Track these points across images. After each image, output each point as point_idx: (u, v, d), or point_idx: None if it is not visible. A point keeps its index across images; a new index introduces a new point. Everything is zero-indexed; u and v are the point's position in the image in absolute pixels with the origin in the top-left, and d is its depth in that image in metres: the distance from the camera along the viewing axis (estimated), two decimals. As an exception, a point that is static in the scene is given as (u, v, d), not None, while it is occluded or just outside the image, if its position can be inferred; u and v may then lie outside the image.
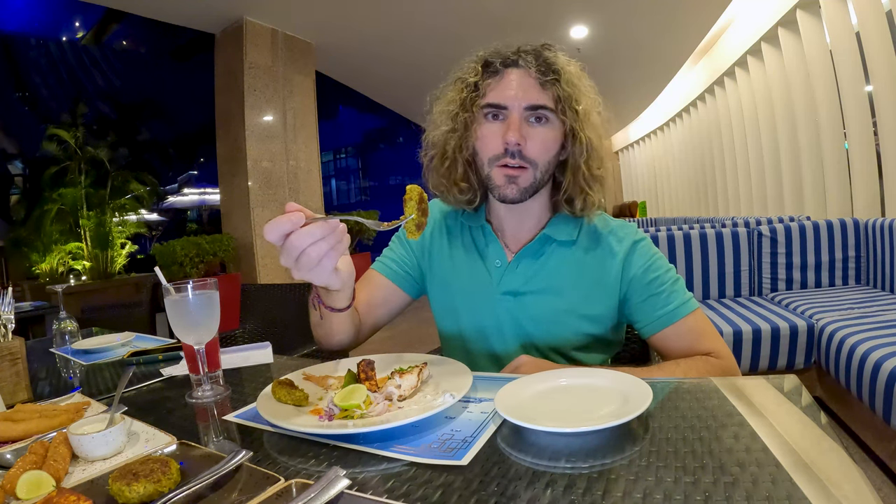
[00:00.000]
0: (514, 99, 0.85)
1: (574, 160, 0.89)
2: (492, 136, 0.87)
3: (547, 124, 0.87)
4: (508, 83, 0.87)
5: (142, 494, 0.48)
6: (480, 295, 0.95)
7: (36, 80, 13.39)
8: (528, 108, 0.85)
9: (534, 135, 0.86)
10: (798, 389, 0.63)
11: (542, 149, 0.87)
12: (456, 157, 0.93)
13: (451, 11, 4.78)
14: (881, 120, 3.49)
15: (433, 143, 0.95)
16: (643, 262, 0.91)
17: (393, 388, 0.67)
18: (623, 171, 14.08)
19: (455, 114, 0.91)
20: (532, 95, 0.85)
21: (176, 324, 0.80)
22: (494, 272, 0.94)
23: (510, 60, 0.88)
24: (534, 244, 0.94)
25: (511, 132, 0.84)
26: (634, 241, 0.92)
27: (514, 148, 0.85)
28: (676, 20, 5.32)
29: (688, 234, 3.01)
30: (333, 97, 6.02)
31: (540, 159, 0.87)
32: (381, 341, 4.24)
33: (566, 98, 0.86)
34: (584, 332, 0.92)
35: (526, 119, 0.86)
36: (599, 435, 0.55)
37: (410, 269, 1.04)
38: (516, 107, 0.85)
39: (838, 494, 0.41)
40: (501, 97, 0.86)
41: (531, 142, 0.85)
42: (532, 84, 0.86)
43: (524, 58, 0.87)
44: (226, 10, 4.51)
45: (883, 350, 1.77)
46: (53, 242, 5.82)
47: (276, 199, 4.91)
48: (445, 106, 0.93)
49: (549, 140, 0.87)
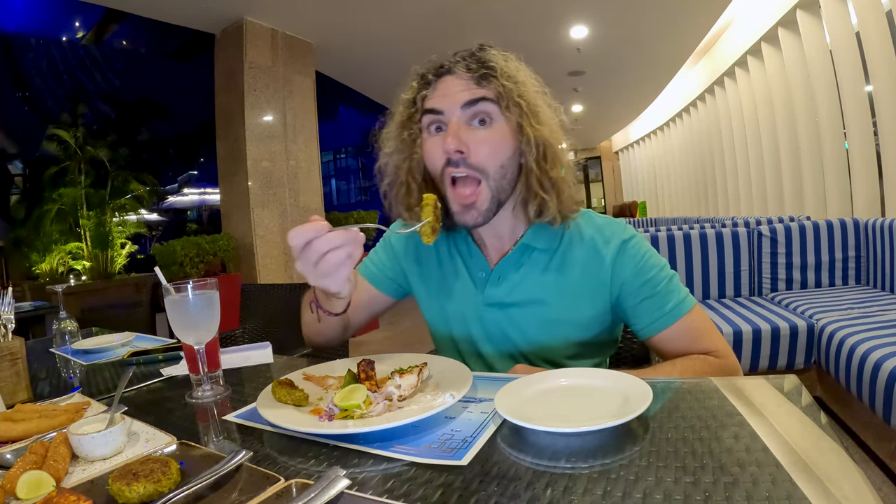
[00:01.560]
0: (448, 100, 0.81)
1: (525, 161, 0.82)
2: (434, 148, 0.82)
3: (491, 125, 0.81)
4: (443, 88, 0.82)
5: (142, 494, 0.48)
6: (468, 305, 0.93)
7: (36, 80, 13.39)
8: (465, 106, 0.80)
9: (477, 139, 0.80)
10: (798, 389, 0.63)
11: (489, 153, 0.80)
12: (408, 181, 0.88)
13: (452, 11, 4.78)
14: (881, 120, 3.49)
15: (383, 170, 0.91)
16: (634, 265, 0.86)
17: (393, 388, 0.67)
18: (623, 171, 14.08)
19: (399, 133, 0.88)
20: (467, 93, 0.80)
21: (176, 324, 0.80)
22: (479, 283, 0.92)
23: (443, 69, 0.84)
24: (512, 255, 0.89)
25: (449, 138, 0.78)
26: (623, 242, 0.87)
27: (455, 156, 0.79)
28: (676, 20, 5.32)
29: (688, 234, 3.01)
30: (333, 97, 6.02)
31: (489, 166, 0.80)
32: (381, 341, 4.24)
33: (507, 92, 0.80)
34: (576, 339, 0.89)
35: (467, 122, 0.81)
36: (599, 435, 0.55)
37: (392, 272, 1.04)
38: (453, 109, 0.80)
39: (838, 494, 0.41)
40: (436, 102, 0.82)
41: (475, 147, 0.79)
42: (466, 84, 0.81)
43: (456, 62, 0.83)
44: (226, 10, 4.50)
45: (883, 350, 1.77)
46: (53, 242, 5.82)
47: (276, 199, 4.91)
48: (389, 130, 0.90)
49: (495, 142, 0.80)
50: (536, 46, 5.73)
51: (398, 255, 1.03)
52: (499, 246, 0.92)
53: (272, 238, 4.87)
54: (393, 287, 1.05)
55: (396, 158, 0.89)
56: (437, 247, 0.98)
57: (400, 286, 1.05)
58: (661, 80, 7.86)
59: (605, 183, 14.89)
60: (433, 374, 0.74)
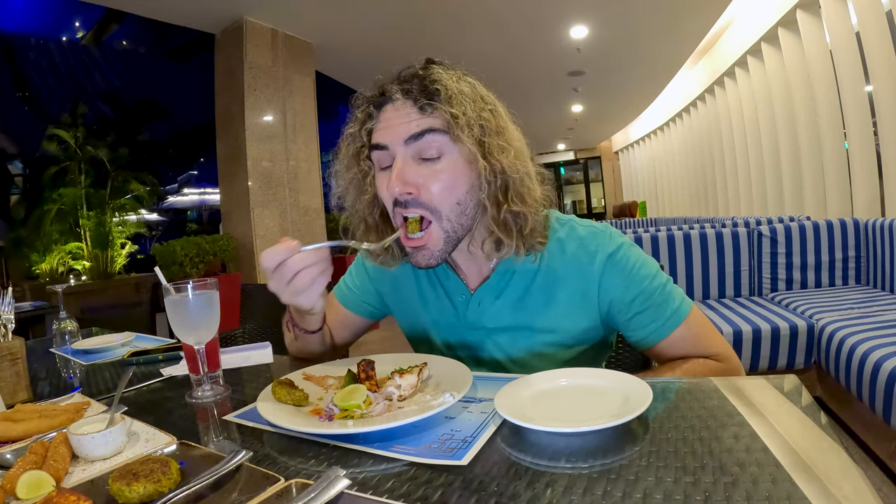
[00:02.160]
0: (390, 134, 0.73)
1: (483, 196, 0.74)
2: (382, 186, 0.76)
3: (442, 159, 0.73)
4: (385, 120, 0.75)
5: (142, 494, 0.48)
6: (449, 328, 0.90)
7: (36, 80, 13.40)
8: (409, 141, 0.72)
9: (427, 175, 0.72)
10: (798, 389, 0.63)
11: (441, 191, 0.72)
12: (366, 219, 0.83)
13: (452, 11, 4.78)
14: (881, 120, 3.49)
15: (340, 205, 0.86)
16: (623, 279, 0.80)
17: (393, 388, 0.67)
18: (623, 171, 14.08)
19: (347, 170, 0.82)
20: (411, 126, 0.72)
21: (176, 324, 0.80)
22: (459, 306, 0.87)
23: (383, 97, 0.76)
24: (492, 280, 0.84)
25: (393, 180, 0.71)
26: (609, 256, 0.80)
27: (404, 197, 0.72)
28: (676, 20, 5.32)
29: (688, 234, 3.01)
30: (333, 97, 6.01)
31: (442, 204, 0.73)
32: (381, 341, 4.23)
33: (456, 119, 0.71)
34: (565, 356, 0.85)
35: (415, 158, 0.73)
36: (599, 435, 0.55)
37: (366, 295, 1.01)
38: (395, 144, 0.73)
39: (838, 494, 0.41)
40: (379, 136, 0.75)
41: (426, 184, 0.72)
42: (408, 114, 0.73)
43: (397, 88, 0.75)
44: (226, 10, 4.51)
45: (883, 350, 1.77)
46: (53, 242, 5.82)
47: (276, 199, 4.91)
48: (339, 165, 0.84)
49: (447, 178, 0.72)
50: (536, 46, 5.73)
51: (372, 279, 0.99)
52: (476, 269, 0.87)
53: (272, 238, 4.86)
54: (368, 310, 1.02)
55: (351, 195, 0.83)
56: (416, 270, 0.91)
57: (376, 308, 1.02)
58: (660, 80, 7.86)
59: (605, 183, 14.89)
60: (433, 374, 0.74)
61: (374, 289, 1.00)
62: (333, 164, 0.85)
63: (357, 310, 1.02)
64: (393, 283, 0.96)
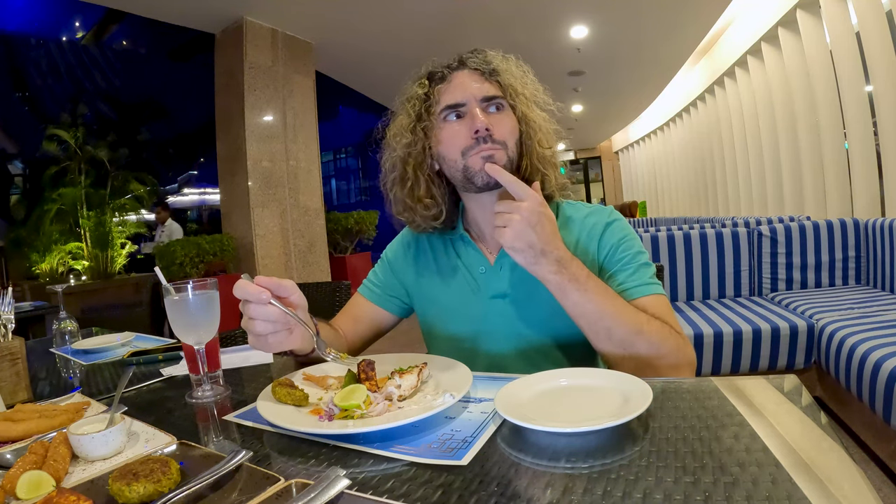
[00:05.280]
0: (469, 94, 0.91)
1: (528, 142, 0.94)
2: (456, 133, 0.91)
3: (503, 111, 0.92)
4: (460, 83, 0.92)
5: (142, 494, 0.48)
6: (471, 302, 0.96)
7: (36, 80, 13.40)
8: (483, 100, 0.91)
9: (496, 121, 0.91)
10: (798, 389, 0.63)
11: (507, 131, 0.92)
12: (417, 175, 0.95)
13: (452, 11, 4.78)
14: (881, 120, 3.49)
15: (392, 166, 0.97)
16: (616, 241, 0.93)
17: (393, 388, 0.67)
18: (623, 171, 14.08)
19: (412, 127, 0.94)
20: (484, 88, 0.91)
21: (176, 324, 0.80)
22: (480, 278, 0.96)
23: (455, 65, 0.94)
24: None
25: (478, 120, 0.88)
26: (608, 223, 0.95)
27: (485, 133, 0.89)
28: (676, 20, 5.33)
29: (688, 234, 3.01)
30: (333, 97, 6.02)
31: (508, 140, 0.91)
32: (381, 341, 4.24)
33: (511, 87, 0.93)
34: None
35: (484, 110, 0.91)
36: (599, 435, 0.55)
37: (393, 290, 1.07)
38: (474, 100, 0.90)
39: (838, 494, 0.41)
40: (457, 96, 0.91)
41: (497, 126, 0.90)
42: (480, 79, 0.92)
43: (466, 60, 0.94)
44: (226, 10, 4.51)
45: (883, 350, 1.77)
46: (53, 242, 5.83)
47: (276, 199, 4.91)
48: (399, 126, 0.96)
49: (510, 123, 0.92)
50: (536, 46, 5.73)
51: (395, 271, 1.07)
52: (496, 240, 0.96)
53: (272, 238, 4.87)
54: (395, 304, 1.08)
55: (408, 152, 0.95)
56: (434, 249, 1.03)
57: (403, 302, 1.08)
58: (661, 80, 7.86)
59: (605, 183, 14.91)
60: (433, 374, 0.74)
61: (399, 281, 1.07)
62: (392, 126, 0.98)
63: (385, 305, 1.07)
64: (416, 273, 1.04)
